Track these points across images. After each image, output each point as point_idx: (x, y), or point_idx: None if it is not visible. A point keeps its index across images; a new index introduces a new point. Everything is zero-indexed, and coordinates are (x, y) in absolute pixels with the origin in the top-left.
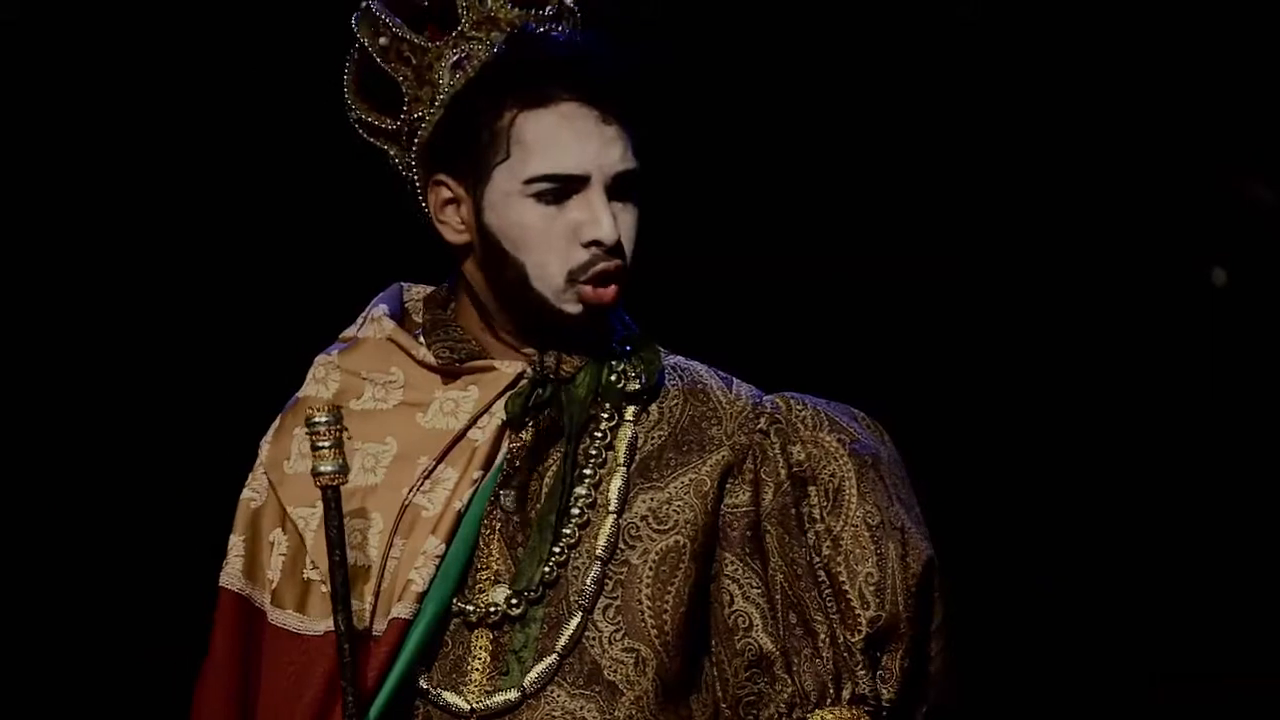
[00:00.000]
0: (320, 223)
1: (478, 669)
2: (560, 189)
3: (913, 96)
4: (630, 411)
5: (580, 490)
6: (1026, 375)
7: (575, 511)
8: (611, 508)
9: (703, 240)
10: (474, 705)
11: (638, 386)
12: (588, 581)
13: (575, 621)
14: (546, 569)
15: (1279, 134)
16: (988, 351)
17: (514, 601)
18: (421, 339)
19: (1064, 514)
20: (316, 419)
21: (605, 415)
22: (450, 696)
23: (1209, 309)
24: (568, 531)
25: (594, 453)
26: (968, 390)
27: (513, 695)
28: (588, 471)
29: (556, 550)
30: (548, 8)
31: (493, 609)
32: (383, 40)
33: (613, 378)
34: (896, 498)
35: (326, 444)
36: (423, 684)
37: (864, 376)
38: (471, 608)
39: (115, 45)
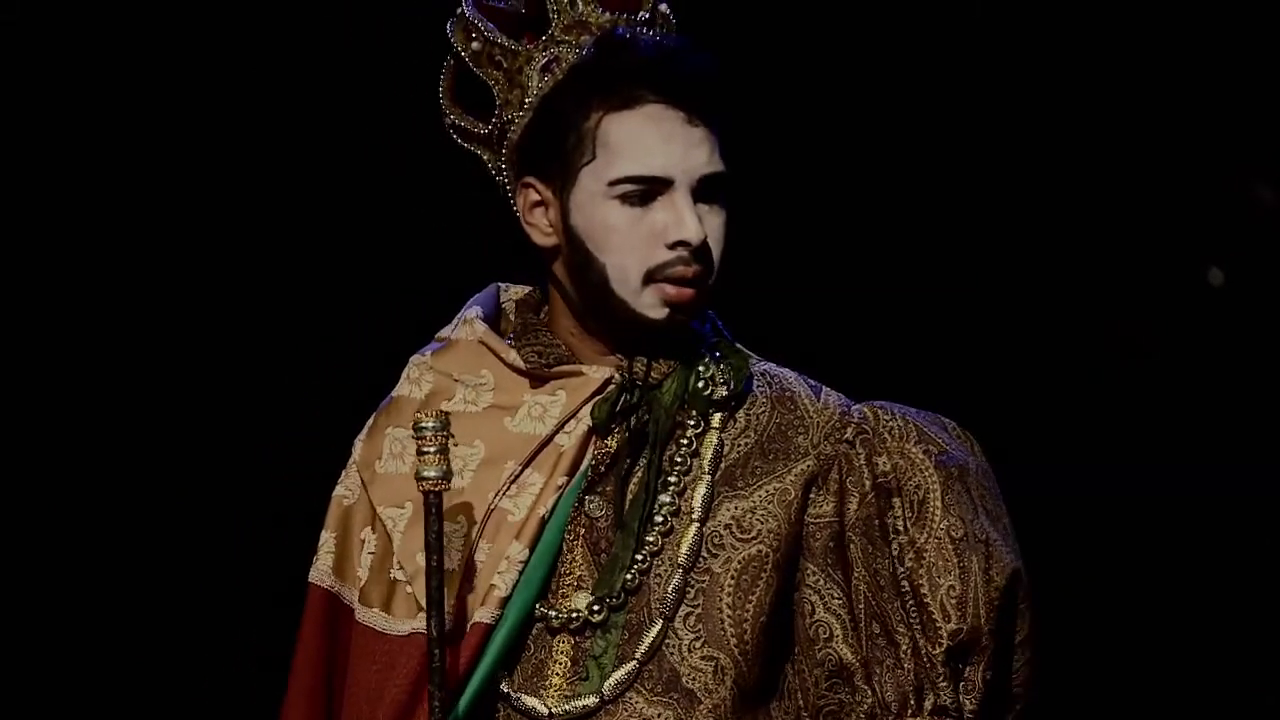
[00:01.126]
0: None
1: (558, 674)
2: (645, 191)
3: (910, 96)
4: (717, 419)
5: (665, 497)
6: (1025, 375)
7: (659, 519)
8: (695, 515)
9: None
10: (553, 710)
11: (725, 394)
12: (669, 589)
13: (656, 629)
14: (629, 576)
15: (1279, 134)
16: (987, 351)
17: (596, 608)
18: (512, 342)
19: (1064, 514)
20: (424, 424)
21: (692, 422)
22: (530, 700)
23: (1209, 309)
24: (651, 539)
25: (679, 460)
26: (966, 390)
27: (591, 701)
28: (672, 479)
29: (639, 557)
30: (641, 12)
31: (575, 615)
32: (475, 45)
33: (700, 384)
34: (983, 509)
35: (432, 449)
36: (503, 688)
37: (867, 379)
38: (554, 613)
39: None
